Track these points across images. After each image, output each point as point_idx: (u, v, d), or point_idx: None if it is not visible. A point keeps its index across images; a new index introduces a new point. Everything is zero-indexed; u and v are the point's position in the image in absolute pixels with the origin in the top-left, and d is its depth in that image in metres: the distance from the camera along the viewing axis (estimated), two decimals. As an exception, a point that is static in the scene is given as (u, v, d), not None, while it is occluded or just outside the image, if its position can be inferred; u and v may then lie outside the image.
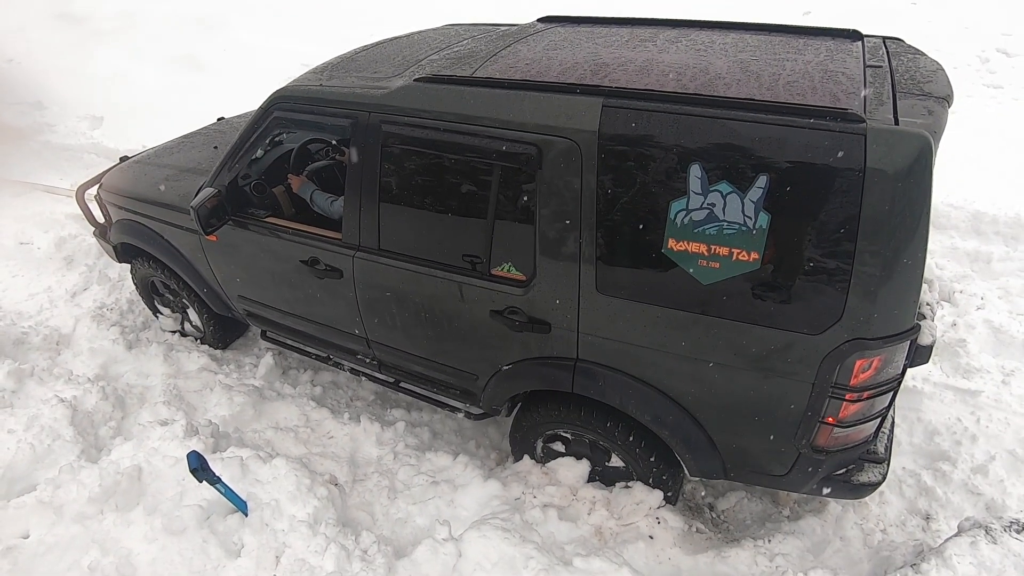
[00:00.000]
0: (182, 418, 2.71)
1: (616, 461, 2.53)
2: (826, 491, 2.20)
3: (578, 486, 2.57)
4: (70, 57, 7.80)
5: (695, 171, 1.75)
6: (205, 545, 2.14)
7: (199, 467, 2.03)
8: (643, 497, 2.45)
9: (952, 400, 2.97)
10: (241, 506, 2.24)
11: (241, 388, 3.34)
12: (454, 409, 2.86)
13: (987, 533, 2.04)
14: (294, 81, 2.59)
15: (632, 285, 1.97)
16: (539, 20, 2.89)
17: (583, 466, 2.61)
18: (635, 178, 1.84)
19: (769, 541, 2.34)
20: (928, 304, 2.17)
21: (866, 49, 2.18)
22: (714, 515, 2.68)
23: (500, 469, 2.84)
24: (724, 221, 1.76)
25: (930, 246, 3.88)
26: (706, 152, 1.73)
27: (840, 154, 1.60)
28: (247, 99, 5.73)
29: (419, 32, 3.04)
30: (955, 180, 4.18)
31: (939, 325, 3.34)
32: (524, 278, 2.15)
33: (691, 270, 1.85)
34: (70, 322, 3.86)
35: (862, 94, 1.80)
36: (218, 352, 3.74)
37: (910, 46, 2.35)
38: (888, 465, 2.22)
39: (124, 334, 3.78)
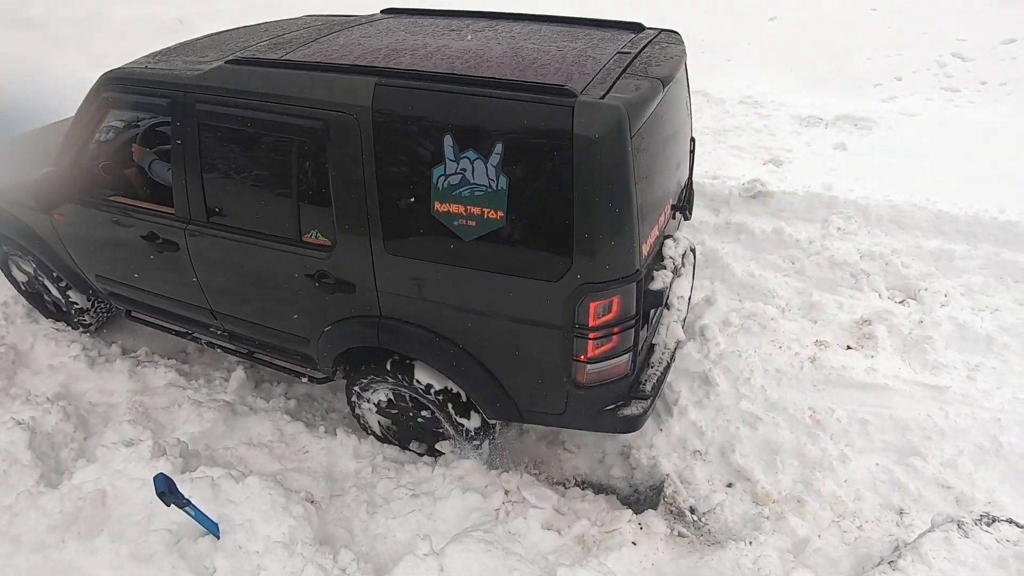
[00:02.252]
0: (149, 437, 2.60)
1: (428, 414, 2.71)
2: (599, 425, 2.46)
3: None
4: (24, 64, 7.50)
5: (448, 141, 1.99)
6: (175, 571, 2.05)
7: (167, 490, 1.94)
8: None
9: (921, 396, 3.04)
10: (213, 528, 2.16)
11: (211, 403, 3.24)
12: (299, 375, 3.00)
13: (959, 527, 2.09)
14: (125, 64, 2.74)
15: (412, 245, 2.20)
16: (382, 11, 3.17)
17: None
18: (404, 148, 2.09)
19: (751, 543, 2.36)
20: (671, 257, 2.47)
21: (632, 39, 2.51)
22: (696, 518, 2.69)
23: (480, 476, 2.80)
24: (474, 184, 2.01)
25: (896, 245, 3.98)
26: (455, 124, 1.99)
27: (554, 123, 1.88)
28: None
29: (272, 21, 3.20)
30: (917, 181, 4.31)
31: (885, 318, 3.42)
32: (329, 243, 2.36)
33: (454, 229, 2.09)
34: (28, 339, 3.70)
35: (593, 74, 2.10)
36: (186, 367, 3.62)
37: (676, 38, 2.71)
38: (653, 402, 2.48)
39: (86, 351, 3.64)
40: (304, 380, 2.95)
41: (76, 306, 3.56)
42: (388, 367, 2.56)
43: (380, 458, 2.86)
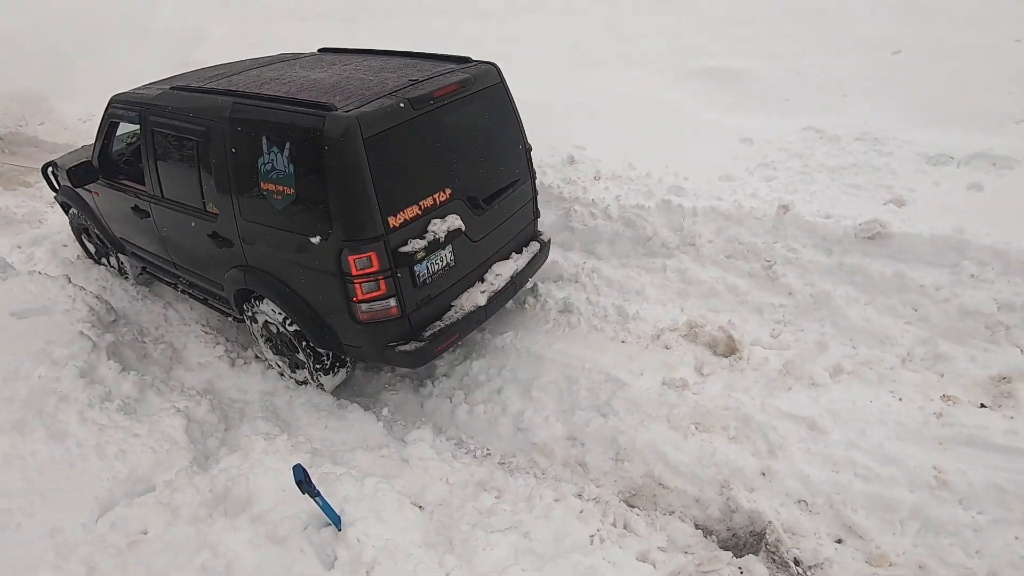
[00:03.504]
0: (282, 432, 2.91)
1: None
2: (386, 358, 3.19)
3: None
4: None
5: (264, 140, 2.90)
6: (303, 555, 2.28)
7: (303, 480, 2.19)
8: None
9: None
10: (335, 520, 2.38)
11: (328, 408, 3.56)
12: (227, 314, 3.96)
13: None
14: (127, 89, 3.99)
15: (254, 212, 3.12)
16: (319, 49, 4.18)
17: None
18: (245, 145, 3.00)
19: (864, 603, 2.22)
20: (433, 231, 3.06)
21: (443, 69, 3.31)
22: (800, 570, 2.57)
23: (576, 500, 2.84)
24: (278, 169, 2.89)
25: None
26: (267, 128, 2.90)
27: (316, 128, 2.72)
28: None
29: (248, 59, 4.25)
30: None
31: None
32: (217, 211, 3.31)
33: (272, 201, 2.97)
34: (183, 339, 4.27)
35: (368, 95, 2.91)
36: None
37: (485, 68, 3.42)
38: (428, 344, 3.16)
39: (228, 352, 4.13)
40: (231, 319, 4.00)
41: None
42: (258, 304, 3.49)
43: (480, 473, 2.99)
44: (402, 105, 2.87)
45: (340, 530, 2.38)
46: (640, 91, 6.45)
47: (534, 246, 3.92)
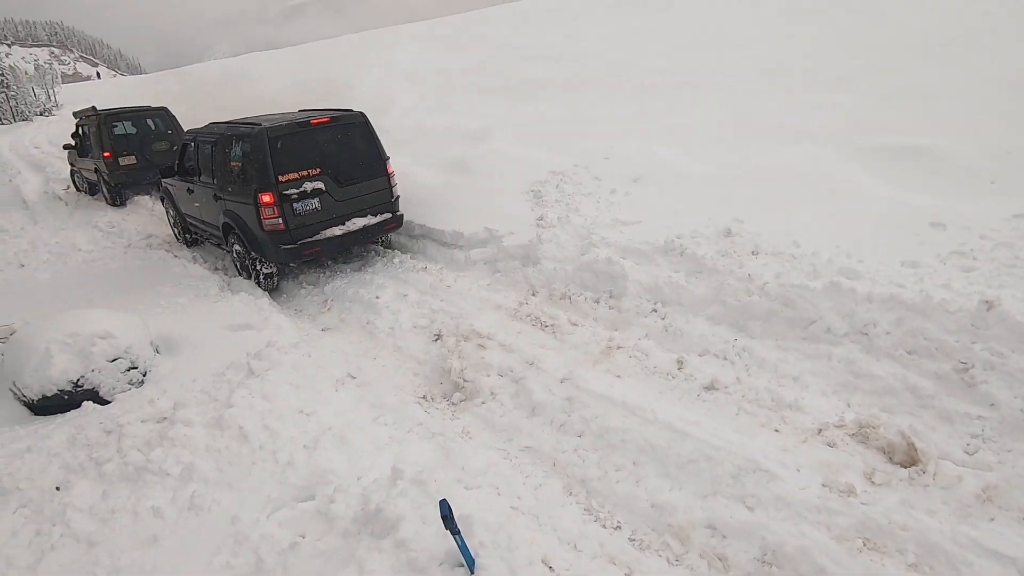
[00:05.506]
0: (428, 463, 3.08)
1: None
2: (279, 257, 5.94)
3: None
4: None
5: (233, 141, 6.20)
6: (437, 590, 2.37)
7: (448, 515, 2.30)
8: None
9: None
10: (470, 562, 2.44)
11: (468, 450, 3.70)
12: (225, 249, 7.00)
13: None
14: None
15: (228, 179, 6.27)
16: (299, 110, 7.44)
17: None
18: (225, 147, 6.31)
19: None
20: (304, 187, 5.93)
21: (326, 112, 6.58)
22: None
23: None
24: (236, 155, 6.12)
25: None
26: (235, 135, 6.20)
27: (250, 133, 5.93)
28: (502, 194, 6.89)
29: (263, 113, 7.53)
30: None
31: None
32: (216, 183, 6.49)
33: (233, 171, 6.15)
34: (344, 369, 4.76)
35: (283, 120, 6.10)
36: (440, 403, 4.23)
37: (355, 114, 6.43)
38: (299, 247, 5.91)
39: (418, 400, 4.52)
40: (224, 249, 7.00)
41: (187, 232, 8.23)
42: (232, 234, 6.43)
43: (610, 546, 2.88)
44: (291, 125, 5.85)
45: (472, 573, 2.43)
46: (812, 166, 6.14)
47: (387, 215, 6.50)
